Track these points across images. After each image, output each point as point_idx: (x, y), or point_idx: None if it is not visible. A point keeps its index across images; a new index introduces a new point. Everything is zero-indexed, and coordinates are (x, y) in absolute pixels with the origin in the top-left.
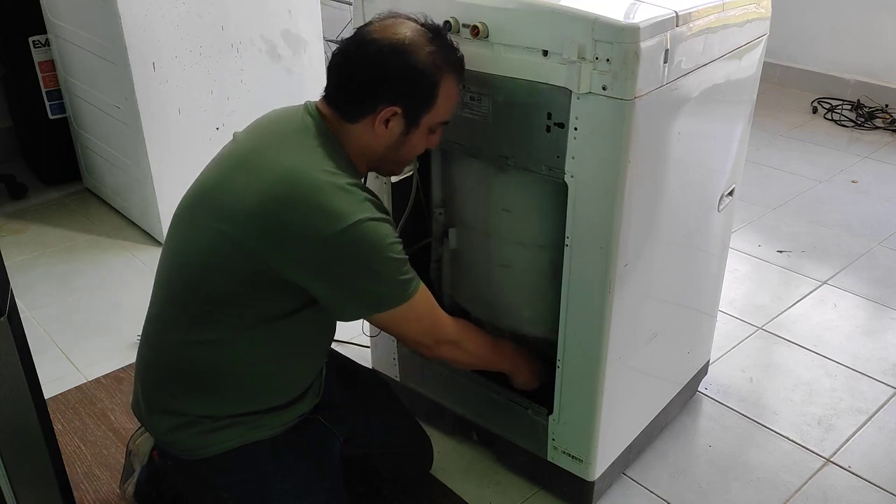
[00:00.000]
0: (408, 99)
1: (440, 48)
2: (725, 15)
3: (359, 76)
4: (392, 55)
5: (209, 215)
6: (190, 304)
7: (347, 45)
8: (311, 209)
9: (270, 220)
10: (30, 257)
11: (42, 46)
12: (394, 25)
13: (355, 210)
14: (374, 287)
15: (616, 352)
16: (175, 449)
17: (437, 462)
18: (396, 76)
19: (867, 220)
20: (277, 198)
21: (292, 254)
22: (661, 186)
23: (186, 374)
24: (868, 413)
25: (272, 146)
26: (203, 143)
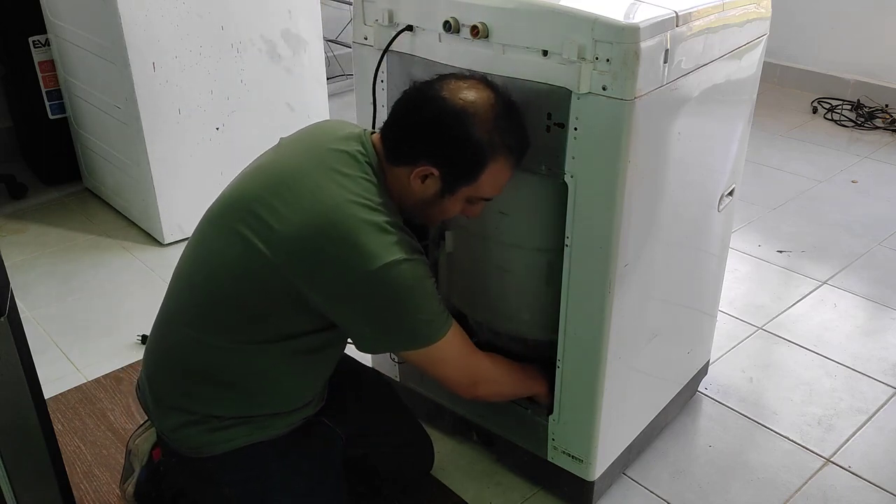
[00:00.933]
0: (449, 166)
1: (504, 128)
2: (725, 15)
3: (411, 125)
4: (449, 118)
5: (245, 227)
6: (211, 309)
7: (418, 90)
8: (349, 246)
9: (307, 251)
10: (30, 257)
11: (42, 46)
12: (467, 88)
13: (390, 251)
14: (404, 325)
15: (616, 352)
16: (180, 446)
17: (437, 462)
18: (445, 140)
19: (867, 220)
20: (317, 229)
21: (324, 286)
22: (661, 186)
23: (198, 373)
24: (868, 413)
25: (318, 170)
26: (203, 143)
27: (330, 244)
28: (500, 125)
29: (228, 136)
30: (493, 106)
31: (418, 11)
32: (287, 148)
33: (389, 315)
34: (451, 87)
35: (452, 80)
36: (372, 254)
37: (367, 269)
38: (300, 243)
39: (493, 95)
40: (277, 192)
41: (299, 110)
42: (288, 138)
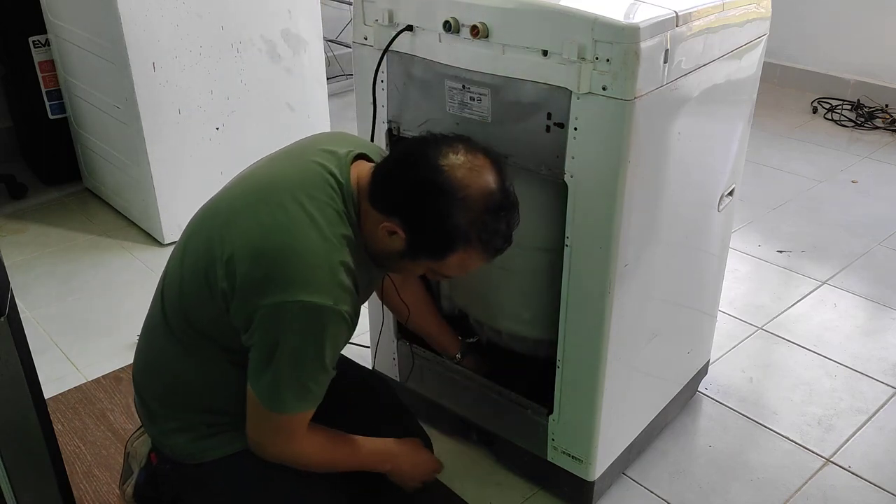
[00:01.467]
0: (418, 237)
1: (488, 225)
2: (725, 15)
3: (397, 177)
4: (436, 191)
5: (209, 238)
6: (178, 326)
7: (424, 143)
8: (281, 267)
9: (250, 274)
10: (30, 257)
11: (42, 46)
12: (471, 168)
13: (322, 292)
14: (276, 375)
15: (616, 352)
16: (172, 452)
17: None
18: (422, 211)
19: (867, 220)
20: (265, 252)
21: (242, 303)
22: (661, 186)
23: (179, 383)
24: (868, 413)
25: (291, 184)
26: (203, 143)
27: (273, 265)
28: (486, 221)
29: (228, 136)
30: (487, 197)
31: (418, 11)
32: (272, 160)
33: (282, 352)
34: (455, 160)
35: (462, 152)
36: (304, 284)
37: (292, 297)
38: (246, 265)
39: (493, 186)
40: (246, 203)
41: (299, 110)
42: (280, 150)
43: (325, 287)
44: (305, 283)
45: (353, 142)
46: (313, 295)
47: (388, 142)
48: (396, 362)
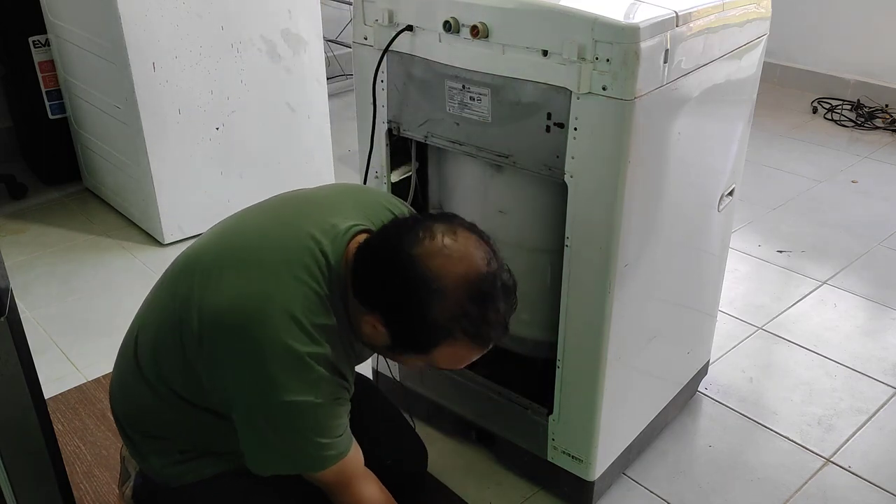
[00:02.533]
0: (398, 335)
1: (473, 316)
2: (725, 15)
3: (372, 273)
4: (411, 285)
5: (186, 297)
6: (150, 373)
7: (396, 230)
8: (258, 365)
9: (214, 343)
10: (30, 257)
11: (42, 46)
12: (450, 257)
13: (300, 389)
14: (298, 449)
15: (616, 352)
16: (151, 473)
17: (437, 462)
18: (399, 307)
19: (867, 220)
20: (232, 328)
21: (220, 383)
22: (661, 186)
23: (150, 421)
24: (868, 413)
25: (277, 260)
26: (203, 143)
27: (239, 350)
28: (469, 313)
29: (228, 136)
30: (471, 286)
31: (418, 11)
32: (269, 218)
33: (278, 439)
34: (429, 247)
35: (440, 236)
36: (277, 385)
37: (266, 399)
38: (211, 334)
39: (476, 272)
40: (225, 266)
41: (299, 110)
42: (285, 202)
43: (305, 385)
44: (284, 384)
45: (366, 206)
46: (293, 394)
47: (387, 142)
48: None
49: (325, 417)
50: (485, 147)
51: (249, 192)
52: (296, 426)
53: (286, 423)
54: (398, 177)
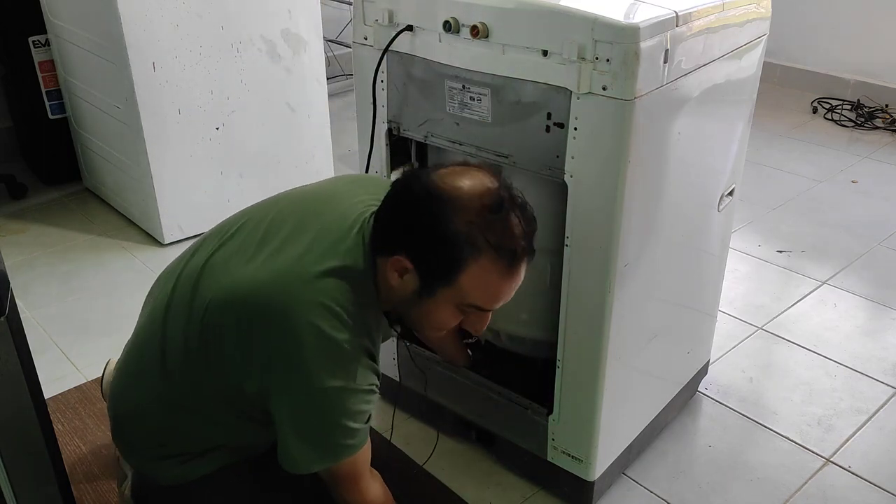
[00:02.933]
0: (424, 261)
1: (491, 224)
2: (725, 15)
3: (392, 206)
4: (426, 202)
5: (206, 283)
6: (162, 366)
7: (415, 172)
8: (288, 349)
9: (241, 325)
10: (30, 257)
11: (42, 46)
12: (461, 174)
13: (332, 375)
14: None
15: (616, 352)
16: (153, 476)
17: (437, 462)
18: (418, 229)
19: (867, 220)
20: (260, 309)
21: (256, 369)
22: (661, 186)
23: (158, 423)
24: (868, 413)
25: (303, 237)
26: (203, 143)
27: (269, 337)
28: (488, 220)
29: (228, 136)
30: (484, 196)
31: (418, 11)
32: (297, 196)
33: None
34: (443, 172)
35: (451, 166)
36: (309, 373)
37: (300, 383)
38: (237, 312)
39: (490, 187)
40: (249, 244)
41: (299, 110)
42: (292, 196)
43: (341, 371)
44: (320, 369)
45: (379, 190)
46: (330, 380)
47: (387, 142)
48: (396, 362)
49: (357, 403)
50: (485, 147)
51: (249, 192)
52: (331, 411)
53: (321, 408)
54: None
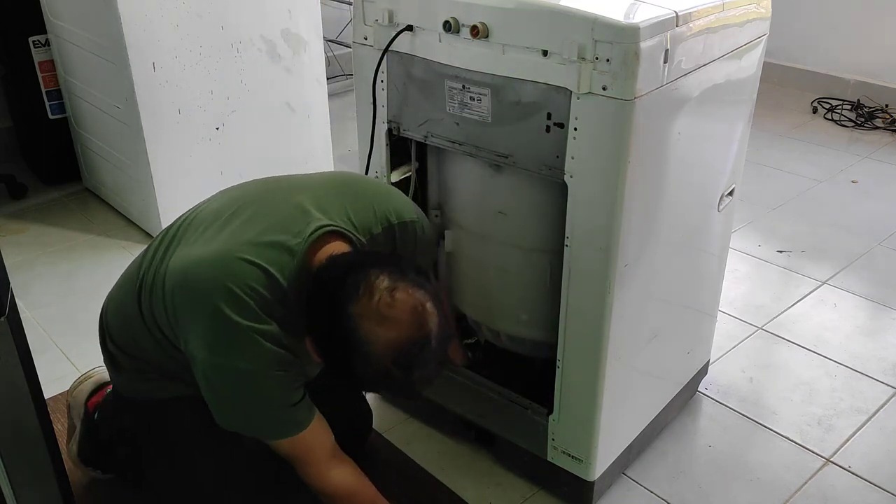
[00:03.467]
0: (331, 369)
1: (397, 379)
2: (725, 15)
3: (313, 309)
4: (343, 341)
5: (168, 251)
6: (146, 311)
7: (343, 273)
8: (207, 331)
9: (175, 301)
10: (30, 257)
11: (42, 46)
12: (384, 320)
13: (246, 358)
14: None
15: (616, 352)
16: (121, 388)
17: (437, 462)
18: (332, 356)
19: (867, 220)
20: (191, 292)
21: (182, 340)
22: (661, 186)
23: (138, 341)
24: (868, 413)
25: (246, 229)
26: (203, 143)
27: (194, 316)
28: (395, 375)
29: (228, 136)
30: (395, 352)
31: (418, 11)
32: (252, 189)
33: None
34: (367, 306)
35: (380, 291)
36: (228, 352)
37: (218, 360)
38: (172, 293)
39: (404, 338)
40: (198, 229)
41: (299, 110)
42: (280, 181)
43: (250, 355)
44: (230, 351)
45: (355, 203)
46: (239, 362)
47: (387, 142)
48: None
49: (272, 388)
50: (485, 147)
51: None
52: (243, 391)
53: (234, 387)
54: (398, 177)
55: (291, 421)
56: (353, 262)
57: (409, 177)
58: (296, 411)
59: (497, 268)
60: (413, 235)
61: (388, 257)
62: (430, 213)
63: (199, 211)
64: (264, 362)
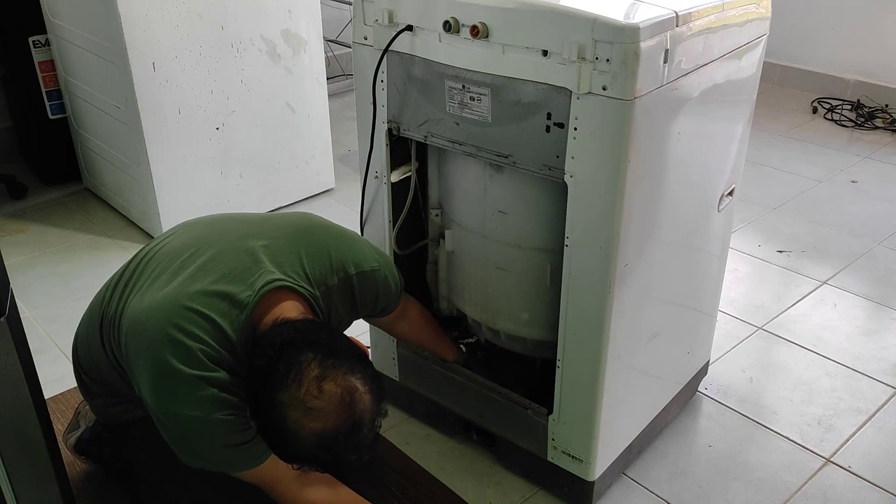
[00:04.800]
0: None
1: (327, 461)
2: (725, 15)
3: (249, 383)
4: (270, 424)
5: (127, 291)
6: (107, 345)
7: (277, 354)
8: (152, 377)
9: (126, 348)
10: (30, 257)
11: (42, 46)
12: (308, 411)
13: (190, 405)
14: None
15: (616, 352)
16: (96, 412)
17: (437, 462)
18: (260, 426)
19: (867, 220)
20: (138, 341)
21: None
22: (661, 186)
23: (104, 371)
24: (868, 413)
25: (198, 277)
26: (203, 143)
27: (142, 359)
28: (323, 459)
29: (228, 136)
30: (321, 441)
31: (418, 11)
32: (204, 231)
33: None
34: (293, 395)
35: (307, 383)
36: (168, 401)
37: (162, 409)
38: (129, 333)
39: (330, 429)
40: (155, 274)
41: (299, 110)
42: (230, 225)
43: (194, 401)
44: (173, 398)
45: (309, 252)
46: (182, 408)
47: (387, 142)
48: (396, 362)
49: (222, 431)
50: (485, 147)
51: (249, 192)
52: (194, 435)
53: (185, 431)
54: (398, 177)
55: (249, 456)
56: (289, 341)
57: (409, 177)
58: (251, 447)
59: (497, 267)
60: (374, 284)
61: (324, 335)
62: (431, 212)
63: (160, 248)
64: (209, 408)
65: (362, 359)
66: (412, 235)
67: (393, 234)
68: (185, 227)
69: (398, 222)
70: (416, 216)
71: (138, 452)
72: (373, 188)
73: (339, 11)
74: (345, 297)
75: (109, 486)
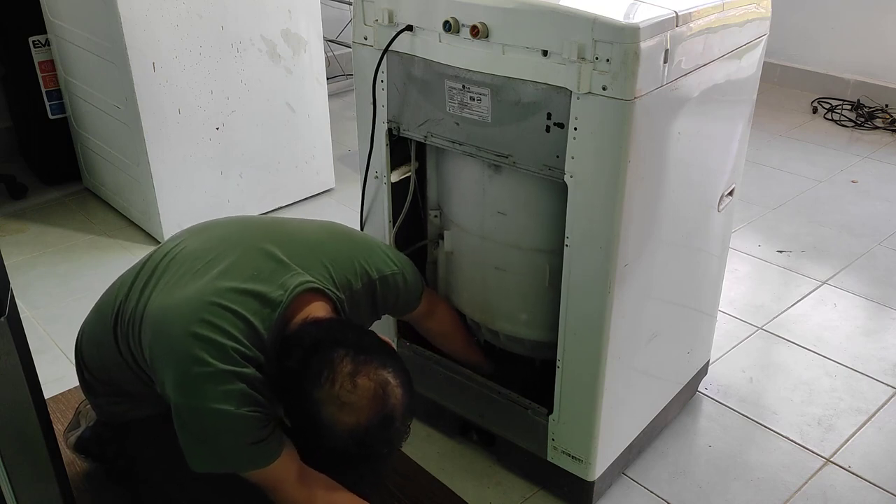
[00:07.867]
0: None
1: (360, 455)
2: (725, 15)
3: (283, 382)
4: (305, 420)
5: (148, 287)
6: (122, 345)
7: (311, 351)
8: (178, 371)
9: (151, 346)
10: (30, 257)
11: (42, 46)
12: (344, 406)
13: (216, 398)
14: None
15: (616, 352)
16: (98, 411)
17: (437, 462)
18: (296, 427)
19: (867, 220)
20: (167, 337)
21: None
22: (661, 186)
23: (112, 371)
24: (868, 413)
25: (227, 276)
26: (203, 143)
27: (166, 361)
28: (356, 454)
29: (228, 136)
30: (355, 436)
31: (418, 11)
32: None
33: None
34: (329, 392)
35: (341, 379)
36: (194, 391)
37: (187, 402)
38: (154, 330)
39: (364, 423)
40: (180, 272)
41: (299, 110)
42: (265, 226)
43: (220, 394)
44: (200, 391)
45: (335, 259)
46: (209, 402)
47: (387, 142)
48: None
49: (243, 425)
50: (485, 147)
51: (249, 192)
52: (214, 427)
53: (205, 424)
54: (398, 177)
55: (263, 454)
56: (320, 339)
57: (409, 177)
58: (267, 444)
59: (497, 268)
60: (395, 288)
61: (353, 333)
62: (430, 213)
63: (181, 249)
64: (237, 403)
65: (392, 354)
66: (412, 236)
67: (392, 235)
68: (202, 228)
69: (398, 222)
70: (416, 216)
71: (139, 451)
72: (373, 188)
73: (339, 11)
74: (367, 300)
75: (109, 486)
